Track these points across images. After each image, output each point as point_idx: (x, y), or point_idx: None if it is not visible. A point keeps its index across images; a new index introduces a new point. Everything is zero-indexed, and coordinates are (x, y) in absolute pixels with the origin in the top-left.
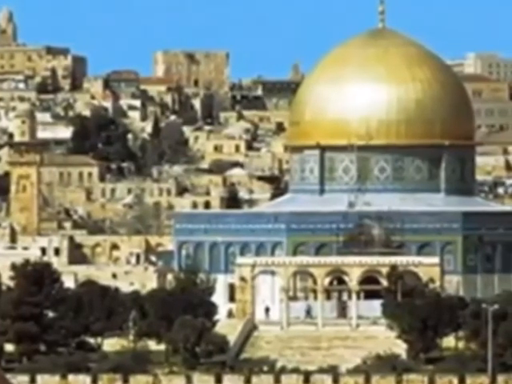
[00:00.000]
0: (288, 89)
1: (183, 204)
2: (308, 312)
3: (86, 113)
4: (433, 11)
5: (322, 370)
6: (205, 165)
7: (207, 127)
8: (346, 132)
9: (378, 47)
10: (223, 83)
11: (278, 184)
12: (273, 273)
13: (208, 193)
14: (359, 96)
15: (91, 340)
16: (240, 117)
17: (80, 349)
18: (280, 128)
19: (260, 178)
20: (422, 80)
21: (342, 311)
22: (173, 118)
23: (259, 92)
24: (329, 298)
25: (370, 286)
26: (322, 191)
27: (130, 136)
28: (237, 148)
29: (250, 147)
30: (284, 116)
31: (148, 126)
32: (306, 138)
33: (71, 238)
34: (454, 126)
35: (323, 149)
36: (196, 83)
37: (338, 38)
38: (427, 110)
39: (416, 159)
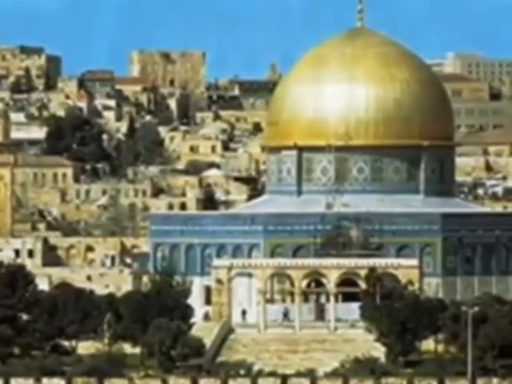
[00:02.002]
0: (265, 89)
1: (159, 205)
2: (285, 315)
3: (61, 113)
4: (412, 10)
5: (299, 374)
6: (181, 165)
7: (183, 127)
8: (323, 132)
9: (356, 47)
10: (199, 83)
11: (254, 185)
12: (250, 275)
13: (184, 194)
14: (337, 96)
15: (66, 343)
16: (216, 117)
17: (54, 352)
18: (257, 128)
19: (237, 179)
20: (401, 80)
21: (320, 314)
22: (148, 118)
23: (236, 92)
24: (306, 300)
25: (348, 288)
26: (299, 192)
27: (104, 136)
28: (213, 148)
29: (226, 148)
30: (261, 116)
31: (123, 127)
32: (283, 138)
33: (45, 240)
34: (434, 126)
35: (301, 149)
36: (172, 83)
37: (316, 37)
38: (406, 111)
39: (395, 160)
